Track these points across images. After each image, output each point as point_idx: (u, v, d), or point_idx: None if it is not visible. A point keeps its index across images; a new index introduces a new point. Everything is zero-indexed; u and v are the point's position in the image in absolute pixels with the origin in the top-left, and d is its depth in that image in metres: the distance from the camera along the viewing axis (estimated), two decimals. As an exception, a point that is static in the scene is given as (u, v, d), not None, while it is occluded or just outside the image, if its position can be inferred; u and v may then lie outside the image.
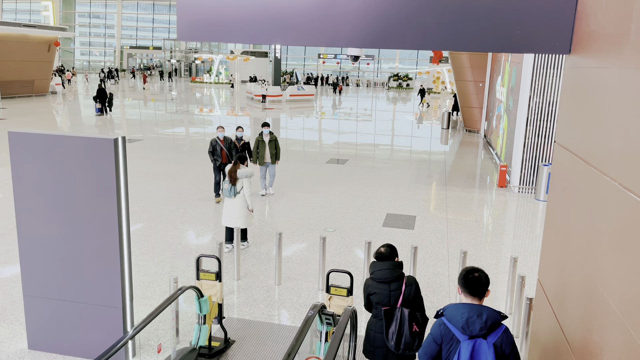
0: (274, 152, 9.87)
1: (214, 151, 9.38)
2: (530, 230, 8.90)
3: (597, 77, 2.90)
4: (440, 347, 2.78)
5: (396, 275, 3.59)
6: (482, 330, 2.66)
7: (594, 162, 2.78)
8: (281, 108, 28.30)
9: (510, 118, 12.37)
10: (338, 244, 7.60)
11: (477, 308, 2.71)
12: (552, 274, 3.56)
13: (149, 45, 61.04)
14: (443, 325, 2.77)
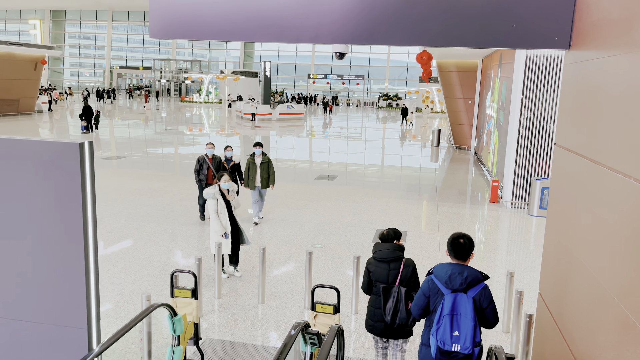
0: (265, 176, 8.70)
1: (200, 169, 8.67)
2: (524, 246, 8.64)
3: (602, 67, 2.66)
4: (428, 300, 3.31)
5: (395, 256, 3.88)
6: (462, 285, 3.16)
7: (602, 160, 2.52)
8: (271, 126, 28.10)
9: (501, 133, 12.22)
10: (326, 260, 7.26)
11: (460, 267, 3.20)
12: (555, 285, 3.27)
13: (139, 66, 61.00)
14: (431, 281, 3.29)
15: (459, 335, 3.11)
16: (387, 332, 3.94)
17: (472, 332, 3.09)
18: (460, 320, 3.13)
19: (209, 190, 6.21)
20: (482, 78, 17.57)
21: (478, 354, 3.16)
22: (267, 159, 8.77)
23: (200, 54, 60.33)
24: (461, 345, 3.10)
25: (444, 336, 3.13)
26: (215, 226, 6.23)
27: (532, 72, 10.29)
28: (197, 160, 8.76)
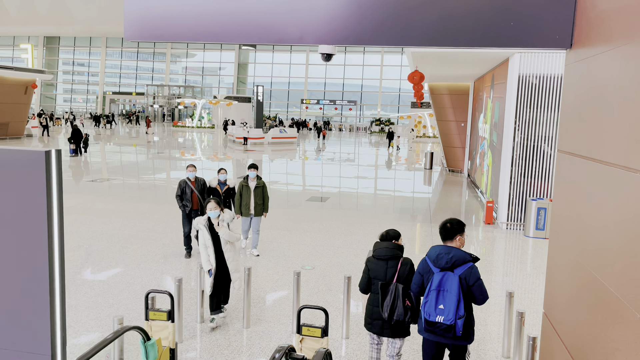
0: (260, 202, 7.86)
1: (183, 195, 7.74)
2: (521, 267, 8.35)
3: (610, 61, 2.44)
4: (422, 278, 3.72)
5: (393, 254, 4.01)
6: (447, 264, 3.54)
7: (616, 161, 2.28)
8: (263, 150, 27.92)
9: (495, 153, 12.05)
10: (316, 282, 6.93)
11: (447, 249, 3.61)
12: (563, 304, 2.99)
13: (132, 91, 61.11)
14: (424, 261, 3.75)
15: (443, 309, 3.49)
16: (385, 330, 4.01)
17: (455, 306, 3.46)
18: (445, 296, 3.50)
19: (199, 219, 5.38)
20: (474, 100, 17.55)
21: (462, 325, 3.50)
22: (262, 183, 7.94)
23: (194, 81, 60.59)
24: (444, 317, 3.47)
25: (429, 309, 3.53)
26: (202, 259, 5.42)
27: (526, 91, 10.19)
28: (179, 185, 7.86)
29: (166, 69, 60.37)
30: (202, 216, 5.47)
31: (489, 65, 12.29)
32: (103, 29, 56.86)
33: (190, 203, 7.77)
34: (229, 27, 3.35)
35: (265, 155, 25.65)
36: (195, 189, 7.84)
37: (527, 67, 10.05)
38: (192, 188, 7.82)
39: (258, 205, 7.86)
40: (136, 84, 62.13)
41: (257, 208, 7.86)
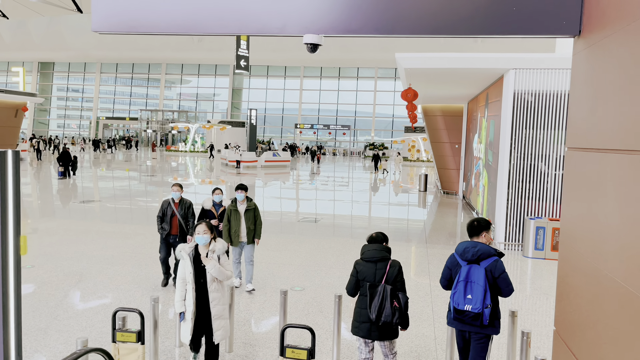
0: (252, 227, 6.86)
1: (164, 216, 6.99)
2: (521, 288, 7.97)
3: (629, 37, 2.17)
4: (451, 272, 3.98)
5: (381, 256, 4.04)
6: (474, 257, 3.82)
7: (636, 146, 1.98)
8: (256, 174, 27.61)
9: (491, 173, 11.80)
10: (307, 304, 6.53)
11: (473, 243, 3.89)
12: (579, 318, 2.64)
13: (126, 116, 61.02)
14: (452, 256, 4.01)
15: (471, 298, 3.76)
16: (372, 333, 4.01)
17: (482, 296, 3.74)
18: (473, 287, 3.78)
19: (183, 246, 4.43)
20: (468, 121, 17.42)
21: (488, 314, 3.77)
22: (253, 205, 6.94)
23: (189, 106, 60.63)
24: (472, 306, 3.75)
25: (458, 298, 3.82)
26: (175, 297, 4.38)
27: (521, 108, 9.99)
28: (161, 205, 7.11)
29: (160, 94, 60.47)
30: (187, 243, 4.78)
31: (483, 83, 12.15)
32: (97, 55, 57.15)
33: (168, 227, 6.93)
34: (204, 17, 3.08)
35: (259, 179, 25.34)
36: (178, 211, 6.95)
37: (522, 84, 9.89)
38: (174, 210, 6.94)
39: (250, 231, 6.84)
40: (130, 109, 62.11)
41: (249, 234, 6.84)
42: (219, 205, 7.35)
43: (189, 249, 4.36)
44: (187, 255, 4.33)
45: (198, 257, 4.34)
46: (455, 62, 10.07)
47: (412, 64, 10.04)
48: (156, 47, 52.82)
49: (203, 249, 4.37)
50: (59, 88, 64.43)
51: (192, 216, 7.08)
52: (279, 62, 55.26)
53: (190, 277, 4.29)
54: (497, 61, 9.93)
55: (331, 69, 55.30)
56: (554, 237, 9.46)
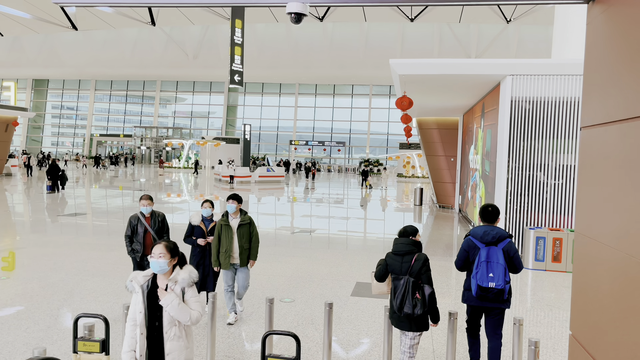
0: (246, 245, 5.75)
1: (134, 235, 5.91)
2: (522, 300, 7.60)
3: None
4: (467, 254, 4.39)
5: (408, 250, 4.15)
6: (493, 239, 4.26)
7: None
8: (250, 189, 27.24)
9: (488, 183, 11.51)
10: (297, 315, 6.14)
11: (490, 227, 4.34)
12: (601, 317, 2.30)
13: (120, 133, 60.67)
14: (469, 239, 4.41)
15: (493, 276, 4.17)
16: (401, 324, 4.12)
17: (503, 274, 4.17)
18: (493, 266, 4.18)
19: (136, 274, 3.24)
20: (464, 133, 17.20)
21: (508, 290, 4.23)
22: (248, 219, 5.83)
23: (184, 124, 60.39)
24: (495, 283, 4.16)
25: (482, 277, 4.20)
26: (124, 343, 3.15)
27: (518, 116, 9.75)
28: (129, 223, 5.96)
29: (155, 111, 60.28)
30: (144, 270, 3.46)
31: (479, 92, 11.93)
32: (92, 72, 57.01)
33: (141, 247, 5.85)
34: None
35: (252, 195, 24.96)
36: (151, 227, 5.92)
37: (519, 91, 9.65)
38: (146, 226, 5.90)
39: (244, 250, 5.72)
40: (124, 126, 61.82)
41: (242, 255, 5.71)
42: (209, 220, 6.18)
43: (142, 279, 3.17)
44: (140, 288, 3.14)
45: (155, 290, 3.16)
46: (450, 69, 9.85)
47: (406, 70, 9.80)
48: (150, 64, 52.78)
49: (162, 279, 3.18)
50: (54, 106, 64.16)
51: (167, 231, 6.08)
52: (274, 79, 55.30)
53: (141, 316, 3.09)
54: (494, 67, 9.72)
55: (326, 86, 55.39)
56: (554, 247, 9.13)
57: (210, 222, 6.16)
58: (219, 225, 5.73)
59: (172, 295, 3.10)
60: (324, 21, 43.44)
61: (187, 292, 3.18)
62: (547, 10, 36.72)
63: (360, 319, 6.12)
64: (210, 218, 6.20)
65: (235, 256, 5.72)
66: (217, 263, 5.76)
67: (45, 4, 41.82)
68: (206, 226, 6.13)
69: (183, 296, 3.16)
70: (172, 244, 3.24)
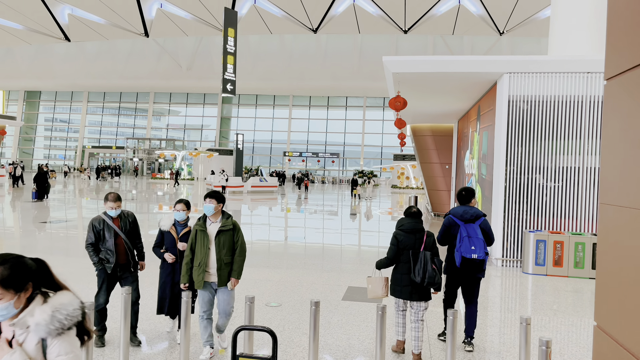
0: (227, 260, 4.44)
1: (100, 242, 4.80)
2: (523, 304, 7.18)
3: None
4: (448, 230, 5.03)
5: (420, 228, 4.65)
6: (472, 217, 4.93)
7: None
8: (242, 199, 26.78)
9: (485, 186, 11.14)
10: (283, 320, 5.69)
11: (468, 207, 5.03)
12: (631, 299, 1.90)
13: (112, 145, 60.16)
14: (450, 217, 5.06)
15: (475, 249, 4.74)
16: (414, 295, 4.57)
17: (483, 247, 4.78)
18: (474, 240, 4.75)
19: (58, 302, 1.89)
20: (459, 139, 16.89)
21: (486, 260, 4.85)
22: (231, 224, 4.52)
23: (177, 136, 59.98)
24: (477, 255, 4.74)
25: (466, 250, 4.74)
26: None
27: (516, 116, 9.42)
28: (91, 227, 4.84)
29: (148, 122, 59.89)
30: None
31: (475, 93, 11.62)
32: (85, 83, 56.65)
33: (113, 255, 4.76)
34: None
35: (244, 205, 24.50)
36: (121, 231, 4.85)
37: (517, 89, 9.34)
38: (116, 229, 4.82)
39: (223, 265, 4.41)
40: (116, 138, 61.34)
41: (221, 270, 4.40)
42: (182, 225, 5.05)
43: None
44: None
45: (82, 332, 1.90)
46: (445, 66, 9.53)
47: (400, 68, 9.48)
48: (144, 76, 52.54)
49: (6, 325, 1.84)
50: (46, 119, 63.67)
51: (139, 235, 5.06)
52: (268, 91, 55.12)
53: None
54: (490, 64, 9.41)
55: (320, 98, 55.28)
56: (555, 251, 8.73)
57: (183, 228, 5.04)
58: (194, 231, 4.51)
59: (17, 354, 1.76)
60: (317, 33, 43.43)
61: (50, 346, 1.80)
62: (540, 23, 36.89)
63: (351, 323, 5.68)
64: (184, 223, 5.07)
65: (212, 272, 4.43)
66: (186, 279, 4.46)
67: (38, 15, 41.63)
68: (178, 231, 5.02)
69: (44, 353, 1.80)
70: (8, 269, 1.82)
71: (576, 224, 9.23)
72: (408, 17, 39.61)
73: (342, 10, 39.59)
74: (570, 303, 7.03)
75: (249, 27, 42.54)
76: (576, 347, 5.19)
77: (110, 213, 4.85)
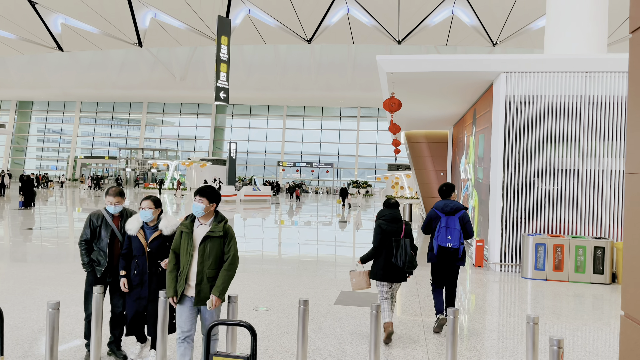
0: (210, 274, 3.62)
1: (95, 240, 4.29)
2: (523, 308, 6.86)
3: None
4: (431, 221, 5.50)
5: (400, 217, 5.20)
6: (452, 210, 5.38)
7: None
8: (234, 208, 26.40)
9: (482, 190, 10.87)
10: (271, 324, 5.34)
11: (449, 201, 5.47)
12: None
13: (105, 155, 59.64)
14: (433, 210, 5.51)
15: (451, 238, 5.28)
16: (395, 277, 5.06)
17: (458, 237, 5.29)
18: (451, 231, 5.29)
19: None
20: (454, 145, 16.67)
21: (462, 250, 5.37)
22: (222, 229, 3.68)
23: (171, 147, 59.57)
24: (452, 244, 5.27)
25: (442, 239, 5.31)
26: None
27: (513, 117, 9.18)
28: (88, 221, 4.29)
29: (141, 133, 59.49)
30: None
31: (471, 94, 11.40)
32: (77, 93, 56.26)
33: (106, 258, 4.21)
34: None
35: (237, 214, 24.12)
36: (120, 230, 4.31)
37: (514, 89, 9.11)
38: (114, 229, 4.29)
39: (205, 280, 3.60)
40: (109, 148, 60.85)
41: (201, 285, 3.59)
42: (151, 228, 4.14)
43: None
44: None
45: None
46: (441, 65, 9.30)
47: (394, 67, 9.24)
48: (137, 86, 52.29)
49: None
50: (39, 129, 63.15)
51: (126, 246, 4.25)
52: (262, 102, 54.94)
53: None
54: (487, 63, 9.19)
55: (314, 108, 55.16)
56: (555, 255, 8.44)
57: (153, 231, 4.12)
58: (178, 233, 3.75)
59: None
60: (311, 43, 43.40)
61: None
62: (533, 34, 37.05)
63: (344, 327, 5.34)
64: (154, 225, 4.15)
65: (192, 284, 3.64)
66: (172, 291, 3.64)
67: (31, 24, 41.38)
68: (147, 237, 4.11)
69: None
70: None
71: (576, 228, 8.96)
72: (402, 27, 39.68)
73: (336, 21, 39.59)
74: (572, 308, 6.72)
75: (243, 37, 42.46)
76: (583, 351, 4.88)
77: (109, 209, 4.30)
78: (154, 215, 4.13)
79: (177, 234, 3.76)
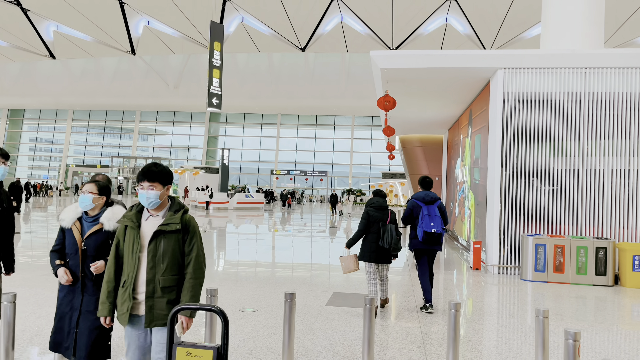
0: (166, 282, 2.64)
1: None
2: (524, 310, 6.54)
3: None
4: (412, 211, 6.00)
5: (385, 205, 5.91)
6: (431, 200, 5.95)
7: None
8: (227, 215, 25.99)
9: (479, 191, 10.59)
10: (257, 325, 4.99)
11: (429, 192, 6.07)
12: None
13: (97, 164, 59.10)
14: (413, 200, 6.03)
15: (434, 225, 5.80)
16: (381, 258, 5.70)
17: (440, 223, 5.85)
18: (434, 218, 5.85)
19: None
20: (449, 149, 16.42)
21: (443, 235, 5.91)
22: (179, 221, 2.69)
23: (164, 155, 59.14)
24: (436, 229, 5.78)
25: (427, 225, 5.80)
26: None
27: (511, 114, 8.93)
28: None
29: (134, 141, 59.05)
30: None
31: (467, 93, 11.15)
32: (69, 101, 55.84)
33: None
34: None
35: (230, 222, 23.71)
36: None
37: (511, 85, 8.87)
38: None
39: (159, 290, 2.64)
40: (101, 157, 60.32)
41: (155, 299, 2.63)
42: (91, 220, 3.23)
43: None
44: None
45: None
46: (437, 61, 9.05)
47: (389, 63, 8.98)
48: (130, 94, 51.95)
49: None
50: (31, 138, 62.55)
51: None
52: (256, 110, 54.71)
53: None
54: (484, 59, 8.95)
55: (308, 117, 54.99)
56: (556, 256, 8.14)
57: (93, 224, 3.21)
58: (121, 228, 2.77)
59: None
60: (305, 51, 43.32)
61: None
62: (526, 42, 37.13)
63: (335, 328, 4.99)
64: (95, 216, 3.23)
65: (140, 298, 2.66)
66: (106, 309, 2.71)
67: (22, 32, 41.06)
68: (83, 231, 3.20)
69: None
70: None
71: (576, 229, 8.67)
72: (396, 36, 39.70)
73: (330, 29, 39.55)
74: (575, 309, 6.41)
75: (237, 45, 42.33)
76: (591, 352, 4.56)
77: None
78: (94, 204, 3.17)
79: (119, 229, 2.77)
